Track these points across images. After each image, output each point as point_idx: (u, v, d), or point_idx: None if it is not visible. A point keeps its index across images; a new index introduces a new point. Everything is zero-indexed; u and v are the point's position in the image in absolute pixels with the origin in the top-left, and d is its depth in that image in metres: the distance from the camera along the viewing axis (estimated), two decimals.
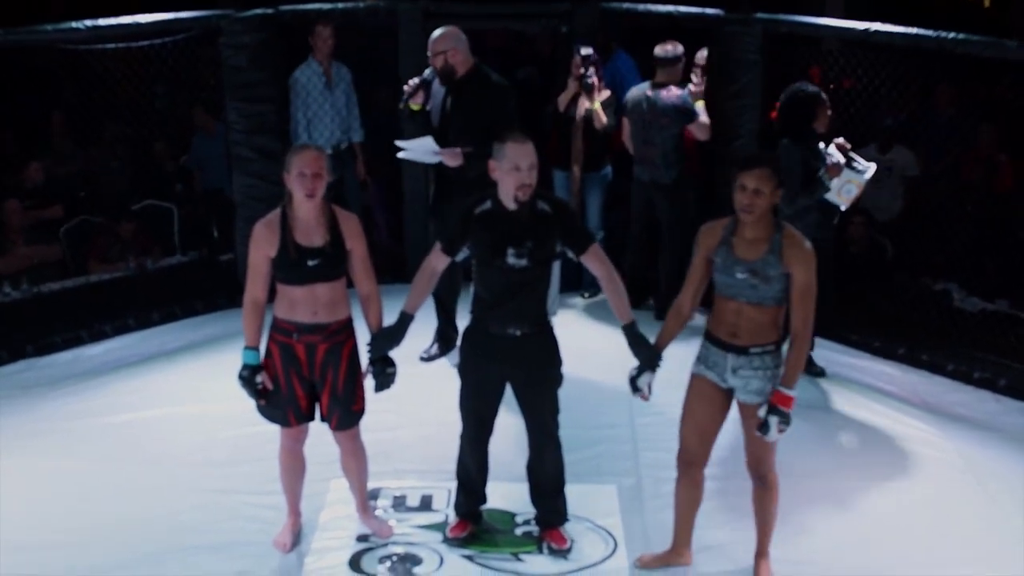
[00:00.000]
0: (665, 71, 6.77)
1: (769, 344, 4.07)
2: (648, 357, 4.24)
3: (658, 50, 6.82)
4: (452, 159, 5.66)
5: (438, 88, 5.89)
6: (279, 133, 7.02)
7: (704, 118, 6.71)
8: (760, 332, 4.06)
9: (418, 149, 5.72)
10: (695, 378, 4.26)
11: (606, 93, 6.92)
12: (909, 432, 5.65)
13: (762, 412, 4.05)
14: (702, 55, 6.67)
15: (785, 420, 4.04)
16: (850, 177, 5.67)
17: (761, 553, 4.40)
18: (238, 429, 5.42)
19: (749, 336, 4.07)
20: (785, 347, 4.10)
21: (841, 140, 5.77)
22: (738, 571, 4.46)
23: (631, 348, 4.26)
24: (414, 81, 5.80)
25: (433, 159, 5.73)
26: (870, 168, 5.76)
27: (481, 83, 5.83)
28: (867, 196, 7.30)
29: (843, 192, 5.68)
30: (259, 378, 4.29)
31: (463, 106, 5.79)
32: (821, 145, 5.79)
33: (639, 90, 6.86)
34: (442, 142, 5.75)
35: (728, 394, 4.19)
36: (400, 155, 5.84)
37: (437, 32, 5.83)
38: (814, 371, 6.18)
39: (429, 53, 5.80)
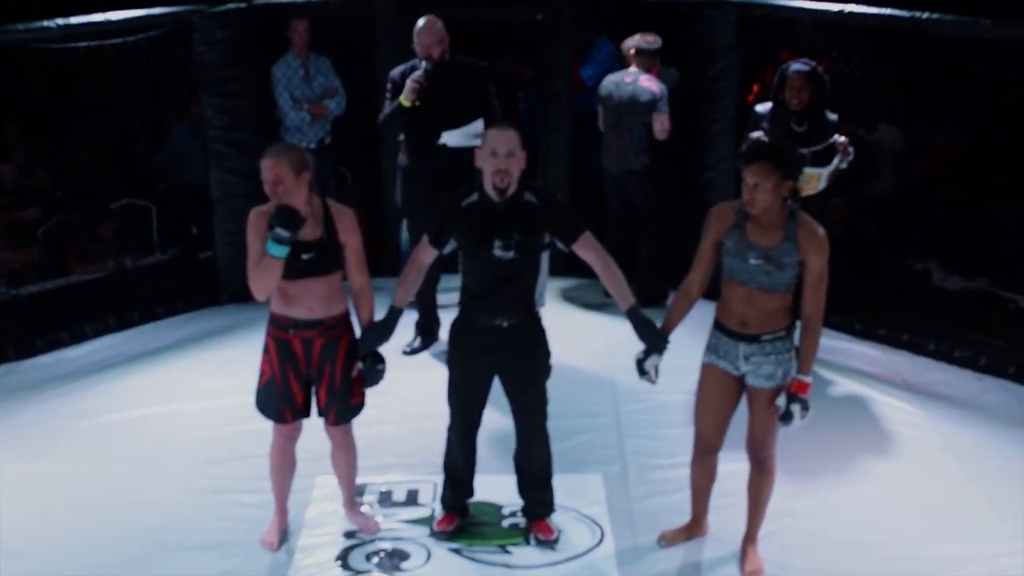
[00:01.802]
0: (644, 61, 6.81)
1: (780, 330, 4.12)
2: (655, 340, 4.23)
3: (640, 40, 6.83)
4: None
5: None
6: (255, 128, 7.01)
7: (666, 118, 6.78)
8: (770, 319, 4.10)
9: (465, 133, 5.74)
10: (707, 368, 4.29)
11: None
12: (891, 412, 5.72)
13: (781, 402, 4.11)
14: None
15: (806, 407, 4.12)
16: None
17: (749, 538, 4.46)
18: (223, 428, 5.45)
19: (759, 324, 4.10)
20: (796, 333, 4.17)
21: (843, 139, 5.77)
22: (727, 556, 4.52)
23: (636, 331, 4.23)
24: (419, 76, 5.77)
25: (477, 142, 5.73)
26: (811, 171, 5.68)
27: (463, 68, 5.89)
28: (861, 176, 7.40)
29: None
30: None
31: (451, 91, 5.80)
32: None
33: (614, 78, 6.88)
34: (427, 129, 5.77)
35: (740, 381, 4.23)
36: (448, 142, 5.82)
37: (427, 22, 5.83)
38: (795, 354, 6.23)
39: (425, 43, 5.78)
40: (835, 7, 6.41)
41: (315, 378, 4.36)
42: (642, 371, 4.29)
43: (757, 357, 4.14)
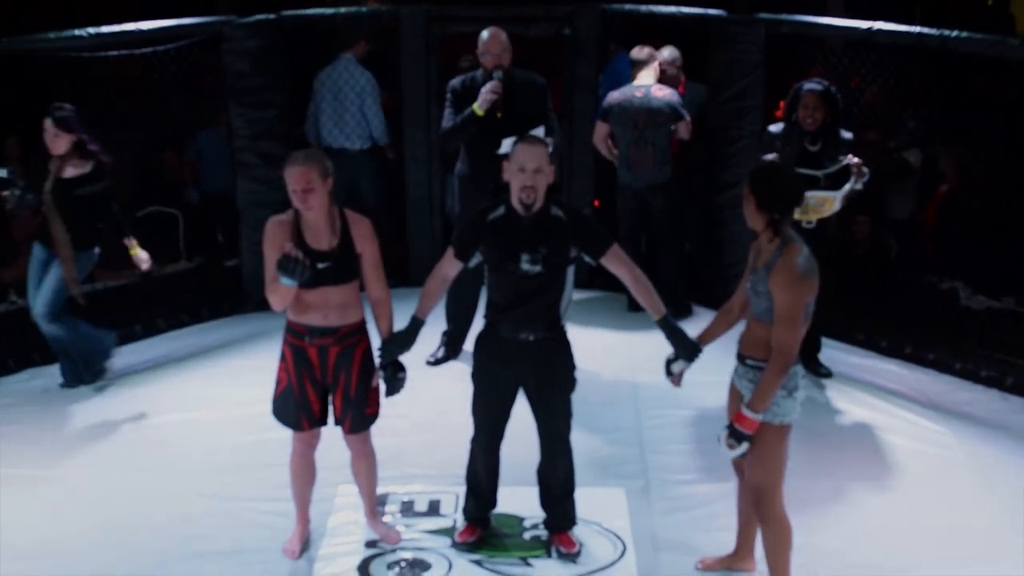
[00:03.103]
0: (646, 71, 6.78)
1: (762, 361, 3.95)
2: (687, 348, 4.18)
3: (636, 52, 6.81)
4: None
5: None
6: (282, 139, 7.03)
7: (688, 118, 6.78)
8: (758, 346, 3.97)
9: None
10: (731, 383, 4.20)
11: None
12: (916, 431, 5.66)
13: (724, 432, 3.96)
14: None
15: (735, 437, 3.90)
16: None
17: None
18: (247, 435, 5.44)
19: (748, 347, 4.02)
20: (791, 370, 3.95)
21: (857, 161, 5.68)
22: None
23: (669, 340, 4.20)
24: (496, 86, 5.74)
25: None
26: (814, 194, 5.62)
27: (523, 81, 5.90)
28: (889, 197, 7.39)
29: None
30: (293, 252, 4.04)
31: (513, 103, 5.80)
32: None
33: (624, 93, 6.81)
34: (489, 140, 5.74)
35: None
36: (505, 149, 5.79)
37: (493, 33, 5.84)
38: (821, 372, 6.19)
39: (496, 52, 5.80)
40: (863, 25, 6.38)
41: (331, 386, 4.35)
42: (669, 371, 4.24)
43: (743, 381, 4.04)
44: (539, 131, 5.66)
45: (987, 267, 6.97)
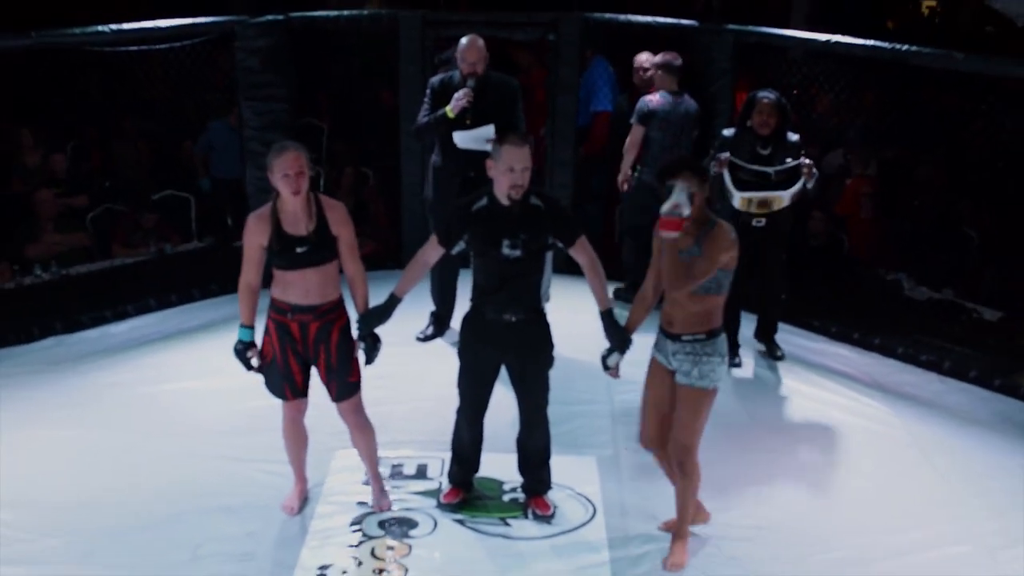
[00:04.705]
0: (672, 78, 6.62)
1: (700, 334, 4.05)
2: (619, 340, 4.27)
3: (669, 59, 6.60)
4: None
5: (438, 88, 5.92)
6: (289, 130, 7.01)
7: None
8: (691, 321, 4.04)
9: (477, 136, 5.69)
10: (651, 360, 4.27)
11: None
12: (861, 409, 5.72)
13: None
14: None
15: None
16: (727, 182, 5.74)
17: (677, 535, 4.36)
18: (252, 401, 5.38)
19: (681, 325, 4.07)
20: (721, 337, 4.11)
21: (808, 162, 5.70)
22: (709, 535, 4.51)
23: (606, 332, 4.29)
24: (467, 92, 5.70)
25: (486, 147, 5.67)
26: (739, 195, 5.72)
27: (496, 82, 5.87)
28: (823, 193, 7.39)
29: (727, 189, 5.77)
30: (250, 353, 4.36)
31: (485, 103, 5.77)
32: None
33: (666, 99, 6.60)
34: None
35: (674, 375, 4.18)
36: (458, 142, 5.79)
37: (471, 40, 5.79)
38: (775, 355, 6.24)
39: (472, 60, 5.75)
40: (822, 37, 6.43)
41: (312, 358, 4.38)
42: (606, 366, 4.31)
43: (679, 355, 4.10)
44: (488, 129, 5.66)
45: (929, 262, 7.03)
